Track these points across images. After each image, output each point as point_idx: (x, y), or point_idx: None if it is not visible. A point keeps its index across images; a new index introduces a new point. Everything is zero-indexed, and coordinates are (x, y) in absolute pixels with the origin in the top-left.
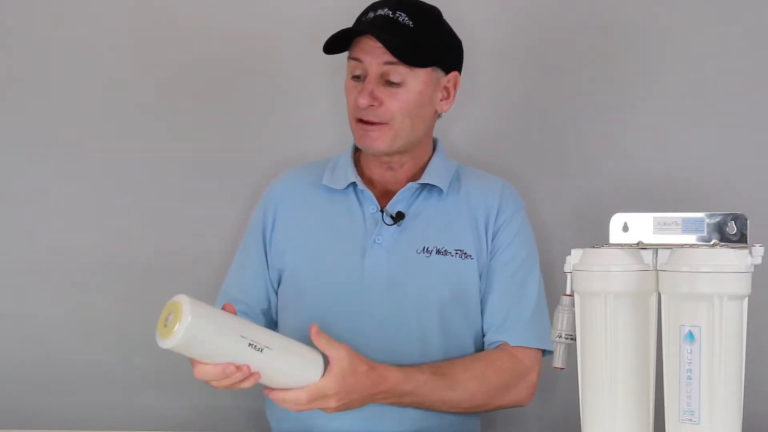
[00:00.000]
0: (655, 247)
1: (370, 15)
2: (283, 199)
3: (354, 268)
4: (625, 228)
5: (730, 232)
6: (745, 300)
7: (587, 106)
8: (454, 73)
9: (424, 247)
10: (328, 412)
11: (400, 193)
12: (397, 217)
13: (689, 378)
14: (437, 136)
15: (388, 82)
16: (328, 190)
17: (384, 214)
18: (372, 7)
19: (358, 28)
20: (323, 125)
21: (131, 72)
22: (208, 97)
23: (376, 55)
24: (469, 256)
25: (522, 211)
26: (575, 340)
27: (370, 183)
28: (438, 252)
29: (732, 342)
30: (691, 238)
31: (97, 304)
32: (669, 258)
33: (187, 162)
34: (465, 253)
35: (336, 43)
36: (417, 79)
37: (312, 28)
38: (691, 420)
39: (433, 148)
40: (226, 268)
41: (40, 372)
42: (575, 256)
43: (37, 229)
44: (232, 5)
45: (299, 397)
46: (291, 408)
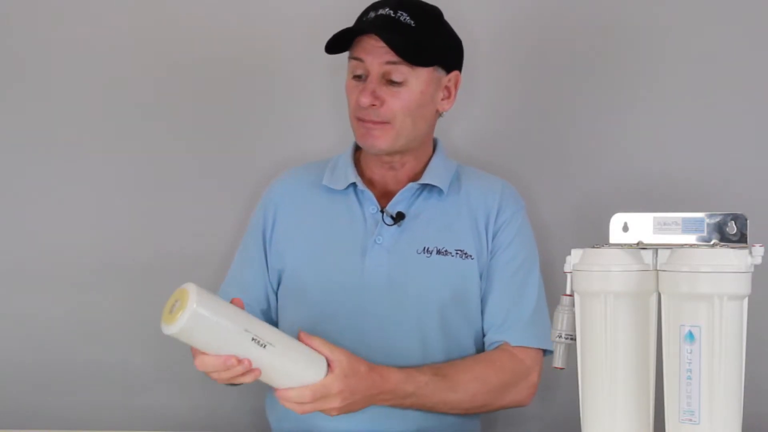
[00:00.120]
0: (655, 247)
1: (371, 15)
2: (283, 200)
3: (354, 269)
4: (625, 228)
5: (730, 232)
6: (745, 300)
7: (587, 106)
8: (455, 72)
9: (424, 248)
10: (331, 415)
11: (400, 193)
12: (398, 218)
13: (689, 378)
14: (437, 136)
15: (390, 82)
16: (328, 190)
17: (384, 214)
18: (373, 7)
19: (360, 28)
20: (323, 125)
21: (131, 72)
22: (208, 97)
23: (377, 54)
24: (470, 256)
25: (522, 211)
26: (575, 340)
27: (370, 183)
28: (438, 252)
29: (732, 342)
30: (691, 238)
31: (97, 304)
32: (669, 258)
33: (187, 162)
34: (465, 253)
35: (337, 43)
36: (418, 78)
37: (312, 28)
38: (691, 420)
39: (433, 148)
40: (226, 268)
41: (40, 372)
42: (575, 256)
43: (37, 229)
44: (232, 5)
45: (303, 394)
46: (294, 408)
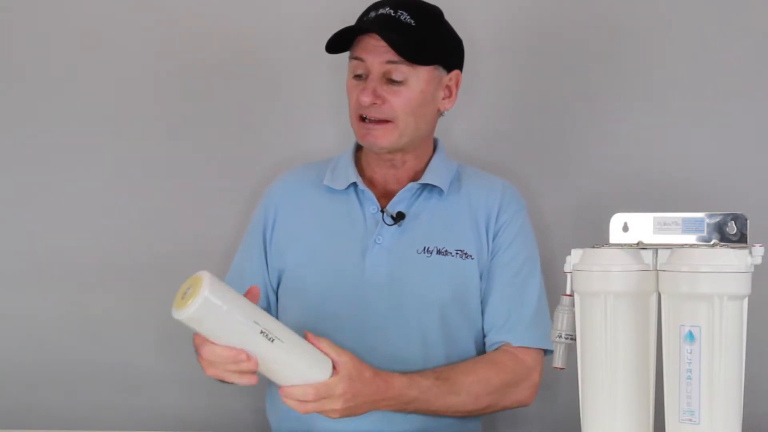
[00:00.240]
0: (655, 247)
1: (372, 14)
2: (283, 200)
3: (354, 269)
4: (625, 228)
5: (730, 232)
6: (745, 300)
7: (587, 106)
8: (456, 71)
9: (424, 247)
10: (332, 417)
11: (400, 193)
12: (398, 218)
13: (689, 378)
14: (438, 136)
15: (391, 81)
16: (328, 190)
17: (384, 214)
18: (373, 7)
19: (360, 27)
20: (323, 125)
21: (131, 72)
22: (208, 97)
23: (378, 53)
24: (470, 256)
25: (523, 212)
26: (575, 340)
27: (370, 183)
28: (439, 252)
29: (732, 342)
30: (691, 238)
31: (97, 304)
32: (669, 258)
33: (188, 162)
34: (465, 254)
35: (338, 43)
36: (419, 77)
37: (312, 28)
38: (691, 420)
39: (434, 148)
40: (227, 267)
41: (40, 372)
42: (575, 256)
43: (37, 229)
44: (231, 5)
45: (306, 392)
46: (296, 406)
